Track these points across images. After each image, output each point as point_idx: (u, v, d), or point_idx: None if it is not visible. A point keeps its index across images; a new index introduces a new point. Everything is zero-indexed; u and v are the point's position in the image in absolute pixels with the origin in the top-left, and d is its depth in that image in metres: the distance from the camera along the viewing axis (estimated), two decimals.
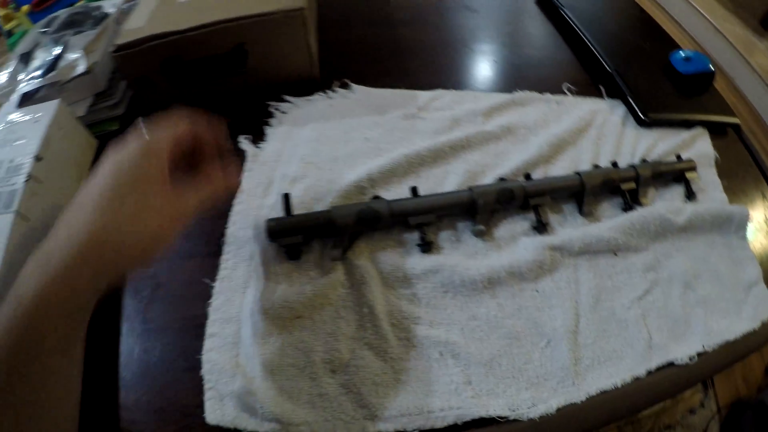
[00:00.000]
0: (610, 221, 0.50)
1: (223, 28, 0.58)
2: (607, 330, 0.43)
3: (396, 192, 0.51)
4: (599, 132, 0.58)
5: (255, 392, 0.40)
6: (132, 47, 0.58)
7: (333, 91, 0.62)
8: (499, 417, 0.39)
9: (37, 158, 0.51)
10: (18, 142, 0.55)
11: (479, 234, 0.47)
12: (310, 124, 0.58)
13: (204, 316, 0.45)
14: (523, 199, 0.48)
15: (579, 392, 0.40)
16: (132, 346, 0.46)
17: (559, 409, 0.39)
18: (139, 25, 0.60)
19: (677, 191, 0.55)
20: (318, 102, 0.60)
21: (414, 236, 0.47)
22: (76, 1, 2.84)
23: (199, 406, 0.41)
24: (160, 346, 0.46)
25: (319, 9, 0.63)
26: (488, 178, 0.52)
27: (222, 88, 0.64)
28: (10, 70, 0.82)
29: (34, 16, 2.99)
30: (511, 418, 0.39)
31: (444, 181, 0.52)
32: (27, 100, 0.74)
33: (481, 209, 0.47)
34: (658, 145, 0.58)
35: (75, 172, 0.56)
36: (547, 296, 0.44)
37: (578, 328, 0.43)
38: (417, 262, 0.45)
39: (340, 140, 0.56)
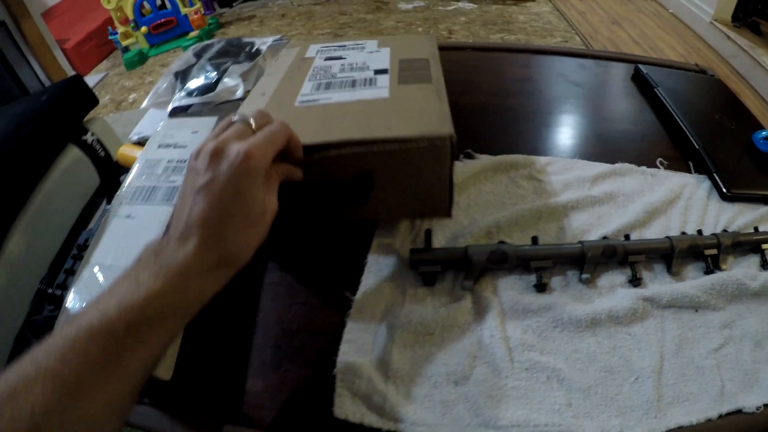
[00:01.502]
0: (694, 281, 0.54)
1: (349, 153, 0.47)
2: (686, 374, 0.47)
3: (517, 239, 0.58)
4: (687, 203, 0.63)
5: (384, 393, 0.44)
6: None
7: (459, 160, 0.69)
8: None
9: None
10: (177, 148, 0.61)
11: (586, 281, 0.54)
12: None
13: (339, 324, 0.50)
14: (623, 256, 0.54)
15: (660, 425, 0.44)
16: (265, 341, 0.51)
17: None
18: None
19: (753, 260, 0.58)
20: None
21: (531, 277, 0.54)
22: (188, 29, 3.09)
23: (326, 401, 0.45)
24: (293, 345, 0.51)
25: (445, 75, 0.62)
26: (593, 236, 0.58)
27: (334, 210, 0.56)
28: (165, 84, 0.91)
29: (150, 37, 3.27)
30: None
31: (557, 235, 0.59)
32: (178, 112, 0.83)
33: (588, 261, 0.54)
34: (738, 218, 0.62)
35: None
36: (638, 339, 0.50)
37: (662, 369, 0.47)
38: (533, 299, 0.52)
39: (471, 192, 0.64)
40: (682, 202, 0.64)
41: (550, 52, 0.94)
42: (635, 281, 0.54)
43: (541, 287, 0.53)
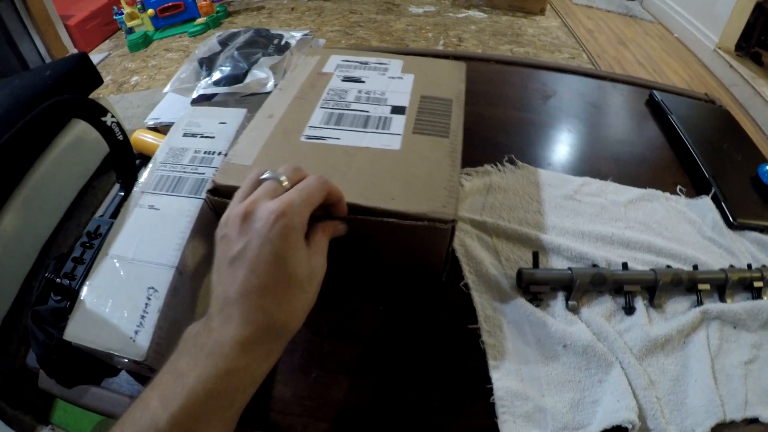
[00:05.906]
0: (740, 303, 0.55)
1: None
2: (717, 379, 0.48)
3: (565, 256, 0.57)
4: (712, 234, 0.63)
5: (545, 408, 0.45)
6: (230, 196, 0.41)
7: (502, 164, 0.68)
8: None
9: (225, 156, 0.51)
10: (205, 138, 0.55)
11: (656, 306, 0.54)
12: (492, 192, 0.65)
13: (370, 331, 0.50)
14: (689, 284, 0.55)
15: (725, 416, 0.45)
16: (294, 346, 0.48)
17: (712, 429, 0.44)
18: (244, 162, 0.47)
19: None
20: (492, 173, 0.68)
21: (618, 299, 0.54)
22: (195, 15, 2.97)
23: (356, 408, 0.44)
24: (324, 351, 0.48)
25: (473, 85, 0.62)
26: (638, 259, 0.58)
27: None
28: (189, 70, 0.82)
29: (156, 21, 3.12)
30: None
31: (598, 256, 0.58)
32: (201, 100, 0.75)
33: (660, 288, 0.54)
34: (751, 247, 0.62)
35: None
36: (691, 345, 0.51)
37: (713, 369, 0.49)
38: (623, 319, 0.53)
39: (519, 207, 0.63)
40: (707, 230, 0.64)
41: (571, 72, 0.92)
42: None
43: (630, 310, 0.53)
